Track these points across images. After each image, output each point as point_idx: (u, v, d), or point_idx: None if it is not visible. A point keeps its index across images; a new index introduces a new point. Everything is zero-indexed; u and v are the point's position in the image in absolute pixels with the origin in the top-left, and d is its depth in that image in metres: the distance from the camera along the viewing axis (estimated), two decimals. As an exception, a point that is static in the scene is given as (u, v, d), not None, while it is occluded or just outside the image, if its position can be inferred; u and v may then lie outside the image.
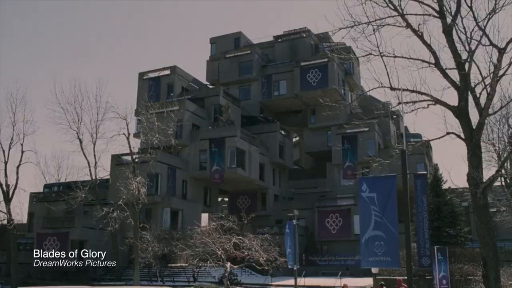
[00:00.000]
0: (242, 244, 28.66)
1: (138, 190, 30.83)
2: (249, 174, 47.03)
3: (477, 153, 15.14)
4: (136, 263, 30.95)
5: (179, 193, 45.05)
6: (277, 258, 29.06)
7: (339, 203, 49.07)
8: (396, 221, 10.72)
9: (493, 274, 14.28)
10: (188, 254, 29.57)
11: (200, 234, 30.47)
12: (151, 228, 35.52)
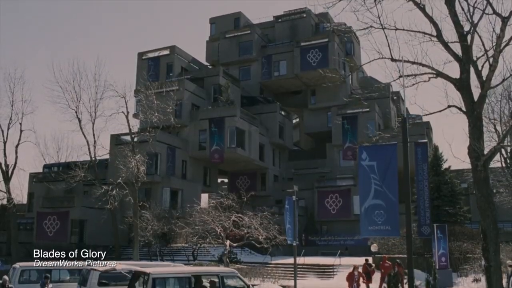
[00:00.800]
0: (242, 222, 28.70)
1: (137, 168, 30.74)
2: (249, 154, 46.94)
3: (478, 125, 15.00)
4: (135, 241, 30.99)
5: (178, 173, 45.02)
6: (276, 236, 29.14)
7: (339, 183, 49.10)
8: (396, 190, 10.63)
9: (492, 247, 14.24)
10: (187, 232, 29.60)
11: (199, 212, 30.51)
12: (150, 207, 35.52)
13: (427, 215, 12.68)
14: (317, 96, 57.26)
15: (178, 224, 30.67)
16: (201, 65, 58.19)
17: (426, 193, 12.63)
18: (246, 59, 57.44)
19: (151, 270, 15.67)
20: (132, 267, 16.01)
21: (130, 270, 16.11)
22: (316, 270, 32.49)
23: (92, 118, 38.59)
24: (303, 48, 54.66)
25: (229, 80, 51.10)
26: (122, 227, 36.62)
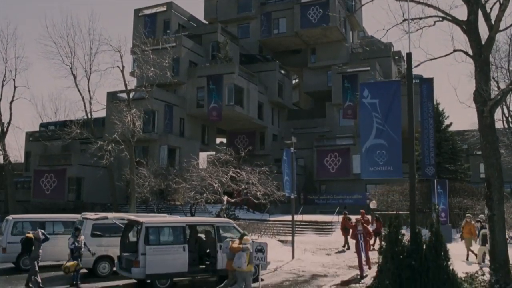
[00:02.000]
0: (239, 177, 28.25)
1: (133, 123, 30.08)
2: (248, 112, 46.22)
3: (485, 69, 14.24)
4: (132, 198, 30.63)
5: (176, 131, 44.42)
6: (274, 192, 28.76)
7: (338, 142, 48.54)
8: (399, 129, 10.01)
9: (496, 195, 13.67)
10: (184, 188, 29.19)
11: (197, 168, 30.04)
12: (147, 164, 35.06)
13: (431, 155, 12.10)
14: (317, 55, 56.15)
15: (175, 180, 30.21)
16: (199, 23, 56.77)
17: (431, 132, 12.03)
18: (245, 16, 56.03)
19: (145, 220, 15.24)
20: (124, 217, 15.54)
21: (122, 218, 15.64)
22: (314, 227, 32.30)
23: (87, 74, 37.68)
24: (303, 5, 53.16)
25: (228, 38, 49.88)
26: (119, 184, 36.24)
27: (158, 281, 14.64)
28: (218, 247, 15.67)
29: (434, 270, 9.39)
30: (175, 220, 16.12)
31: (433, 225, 9.81)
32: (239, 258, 12.02)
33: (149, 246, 14.48)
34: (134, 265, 14.43)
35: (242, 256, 12.00)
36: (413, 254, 9.69)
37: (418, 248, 9.71)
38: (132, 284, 15.67)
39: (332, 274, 17.60)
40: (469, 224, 19.51)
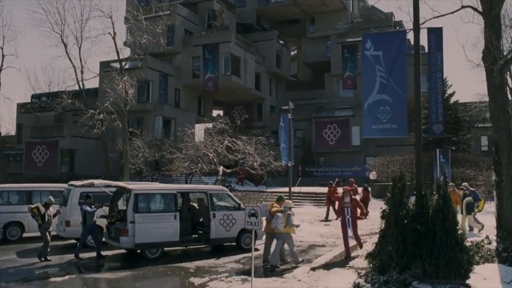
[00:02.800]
0: (235, 147, 27.56)
1: (126, 92, 29.21)
2: (244, 82, 45.28)
3: (496, 27, 13.36)
4: (125, 168, 29.95)
5: (171, 102, 43.57)
6: (271, 162, 28.11)
7: (337, 114, 47.75)
8: (405, 83, 9.23)
9: (505, 159, 12.95)
10: (178, 158, 28.49)
11: (191, 137, 29.30)
12: (142, 134, 34.32)
13: (439, 111, 11.34)
14: (316, 25, 55.02)
15: (170, 150, 29.50)
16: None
17: (439, 86, 11.23)
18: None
19: (134, 186, 14.57)
20: (112, 183, 14.85)
21: (110, 185, 14.95)
22: (312, 198, 31.77)
23: (78, 41, 36.62)
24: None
25: (224, 6, 48.62)
26: (113, 155, 35.53)
27: (148, 250, 14.05)
28: (212, 215, 15.06)
29: (441, 235, 8.74)
30: (166, 187, 15.46)
31: (440, 187, 9.11)
32: (276, 219, 12.42)
33: (138, 214, 13.85)
34: (123, 234, 13.82)
35: (279, 218, 12.40)
36: (418, 218, 9.02)
37: (424, 211, 9.04)
38: (122, 254, 15.09)
39: (330, 244, 17.04)
40: (454, 193, 18.25)
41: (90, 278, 12.07)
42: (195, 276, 11.87)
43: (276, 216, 12.44)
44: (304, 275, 11.43)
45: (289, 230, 12.61)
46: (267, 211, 12.82)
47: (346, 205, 13.41)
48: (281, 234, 12.62)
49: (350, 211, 13.39)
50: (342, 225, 13.61)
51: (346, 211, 13.42)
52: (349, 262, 13.40)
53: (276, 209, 12.76)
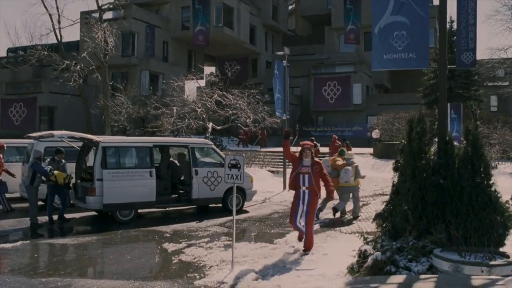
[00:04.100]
0: (226, 101, 25.82)
1: (105, 41, 27.21)
2: (238, 35, 43.13)
3: None
4: (107, 125, 28.25)
5: (159, 56, 41.50)
6: (265, 118, 26.47)
7: (338, 70, 45.82)
8: (426, 1, 7.47)
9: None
10: (164, 113, 26.74)
11: (178, 91, 27.53)
12: (125, 89, 32.50)
13: (470, 35, 9.56)
14: (316, -27, 52.46)
15: (154, 105, 27.74)
16: None
17: (470, 5, 9.41)
18: None
19: (101, 138, 12.91)
20: (76, 135, 13.17)
21: (73, 137, 13.26)
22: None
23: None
24: None
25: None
26: (94, 112, 33.74)
27: (119, 212, 12.50)
28: (194, 172, 13.45)
29: (470, 191, 7.13)
30: (140, 140, 13.77)
31: (470, 132, 7.45)
32: (346, 172, 12.20)
33: (107, 171, 12.25)
34: (89, 194, 12.25)
35: (349, 171, 12.21)
36: (442, 170, 7.39)
37: (448, 162, 7.39)
38: (91, 216, 13.55)
39: (328, 206, 15.49)
40: None
41: (45, 244, 10.53)
42: (170, 241, 10.34)
43: (346, 170, 12.26)
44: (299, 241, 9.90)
45: (358, 182, 12.67)
46: (329, 166, 12.58)
47: (303, 171, 8.78)
48: (350, 187, 12.53)
49: (308, 181, 8.75)
50: (292, 207, 9.08)
51: (301, 180, 8.80)
52: (353, 223, 12.19)
53: (341, 162, 12.53)
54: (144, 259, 9.14)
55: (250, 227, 12.27)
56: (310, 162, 8.80)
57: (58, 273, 7.99)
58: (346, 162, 12.53)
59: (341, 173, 12.34)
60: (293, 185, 8.95)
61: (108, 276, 8.03)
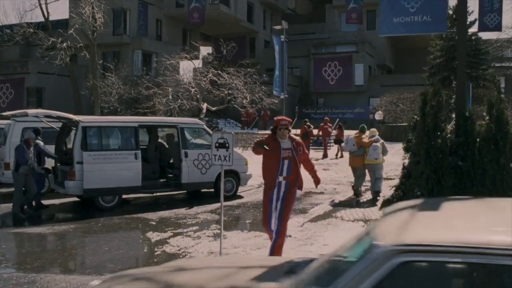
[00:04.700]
0: (221, 80, 24.90)
1: (94, 17, 26.16)
2: (235, 12, 41.96)
3: None
4: (96, 106, 27.32)
5: (152, 34, 40.35)
6: (263, 98, 25.58)
7: (339, 50, 44.77)
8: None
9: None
10: (156, 93, 25.81)
11: (171, 70, 26.59)
12: (116, 68, 31.51)
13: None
14: (317, -51, 51.20)
15: (146, 85, 26.79)
16: None
17: None
18: None
19: (82, 118, 12.04)
20: (53, 113, 12.30)
21: (50, 116, 12.38)
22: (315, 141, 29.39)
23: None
24: None
25: None
26: (84, 93, 32.75)
27: (101, 198, 11.66)
28: (183, 155, 12.58)
29: (493, 174, 6.32)
30: (124, 119, 12.93)
31: (493, 106, 6.60)
32: (375, 149, 11.98)
33: (88, 153, 11.38)
34: (68, 178, 11.40)
35: (377, 148, 12.00)
36: (460, 150, 6.56)
37: (468, 141, 6.56)
38: (73, 203, 12.73)
39: (330, 191, 14.73)
40: None
41: (16, 234, 9.73)
42: (155, 230, 9.53)
43: (375, 147, 12.02)
44: (297, 229, 9.09)
45: (383, 160, 12.44)
46: (355, 145, 12.42)
47: (284, 156, 6.57)
48: (376, 165, 12.22)
49: (288, 168, 6.59)
50: (263, 205, 6.95)
51: (280, 168, 6.56)
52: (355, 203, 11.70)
53: (367, 139, 12.30)
54: (123, 250, 8.33)
55: (244, 214, 11.50)
56: (291, 143, 6.62)
57: (24, 267, 7.19)
58: (374, 139, 12.28)
59: (369, 150, 12.10)
60: (272, 177, 6.61)
61: (80, 270, 7.24)
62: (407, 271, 2.22)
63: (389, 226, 2.63)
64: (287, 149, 6.59)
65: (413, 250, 2.18)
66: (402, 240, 2.27)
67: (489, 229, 2.21)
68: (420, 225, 2.46)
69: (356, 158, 12.55)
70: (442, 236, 2.25)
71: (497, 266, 2.10)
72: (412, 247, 2.19)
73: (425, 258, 2.20)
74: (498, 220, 2.47)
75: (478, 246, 2.11)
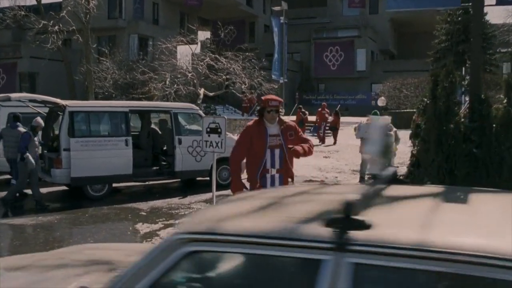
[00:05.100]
0: (219, 65, 24.33)
1: (87, 0, 25.54)
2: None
3: None
4: (90, 91, 26.79)
5: (148, 18, 39.66)
6: (262, 83, 25.04)
7: (340, 34, 44.17)
8: None
9: None
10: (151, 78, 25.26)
11: (167, 54, 26.02)
12: (111, 53, 30.94)
13: None
14: None
15: (141, 69, 26.23)
16: None
17: None
18: None
19: (69, 102, 11.52)
20: (37, 97, 11.78)
21: (35, 100, 11.86)
22: (310, 128, 28.90)
23: None
24: None
25: None
26: (78, 78, 32.18)
27: (90, 187, 11.17)
28: (177, 141, 12.07)
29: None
30: (114, 104, 12.40)
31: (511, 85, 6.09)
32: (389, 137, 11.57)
33: (76, 139, 10.87)
34: (55, 166, 10.89)
35: (391, 135, 11.67)
36: (475, 136, 6.05)
37: (484, 126, 6.05)
38: (61, 192, 12.24)
39: (330, 179, 14.22)
40: None
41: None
42: (145, 221, 9.06)
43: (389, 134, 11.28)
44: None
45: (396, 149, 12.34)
46: (367, 132, 11.36)
47: (272, 144, 5.32)
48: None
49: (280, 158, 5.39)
50: None
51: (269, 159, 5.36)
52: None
53: None
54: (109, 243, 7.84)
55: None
56: (279, 128, 5.35)
57: (0, 262, 6.68)
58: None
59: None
60: (254, 172, 5.36)
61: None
62: (195, 261, 2.13)
63: (204, 215, 2.51)
64: (275, 136, 5.30)
65: (202, 239, 2.02)
66: (193, 228, 2.13)
67: (293, 219, 2.00)
68: (240, 214, 2.26)
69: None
70: (235, 226, 2.08)
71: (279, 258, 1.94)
72: (201, 236, 2.03)
73: (215, 248, 2.05)
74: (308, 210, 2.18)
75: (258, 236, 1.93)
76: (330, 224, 1.82)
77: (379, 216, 1.89)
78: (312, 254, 1.81)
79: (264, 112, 5.32)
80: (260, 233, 1.93)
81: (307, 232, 1.86)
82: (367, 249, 1.74)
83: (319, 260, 1.79)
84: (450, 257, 1.63)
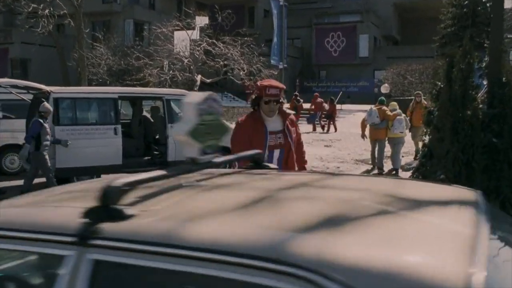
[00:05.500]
0: (216, 50, 23.75)
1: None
2: (233, -21, 40.62)
3: None
4: (83, 78, 26.18)
5: (144, 2, 39.18)
6: (261, 70, 24.49)
7: (342, 19, 43.53)
8: None
9: None
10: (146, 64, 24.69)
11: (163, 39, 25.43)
12: (105, 38, 30.36)
13: None
14: None
15: (136, 55, 25.66)
16: None
17: None
18: None
19: (53, 88, 10.97)
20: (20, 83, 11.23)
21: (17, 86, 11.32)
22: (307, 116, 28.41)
23: None
24: None
25: None
26: (71, 64, 31.63)
27: (76, 179, 10.63)
28: (170, 130, 11.54)
29: (535, 153, 5.28)
30: (102, 90, 11.85)
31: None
32: (401, 123, 11.94)
33: (61, 128, 10.36)
34: (39, 156, 10.36)
35: (402, 121, 12.00)
36: (494, 124, 5.51)
37: (505, 112, 5.50)
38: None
39: (332, 169, 13.69)
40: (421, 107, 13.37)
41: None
42: (133, 216, 8.49)
43: (400, 120, 11.95)
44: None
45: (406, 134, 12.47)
46: (378, 117, 12.15)
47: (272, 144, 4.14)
48: (399, 139, 12.15)
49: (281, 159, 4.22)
50: None
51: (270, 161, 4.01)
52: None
53: (392, 113, 12.11)
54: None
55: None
56: (282, 124, 4.22)
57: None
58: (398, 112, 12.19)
59: (394, 123, 11.98)
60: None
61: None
62: None
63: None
64: (277, 133, 4.18)
65: None
66: None
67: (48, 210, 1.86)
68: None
69: (380, 130, 12.32)
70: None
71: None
72: None
73: None
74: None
75: None
76: (85, 215, 1.58)
77: (152, 207, 1.64)
78: (56, 249, 1.61)
79: (260, 102, 4.08)
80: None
81: (53, 224, 1.66)
82: (110, 244, 1.49)
83: (62, 256, 1.58)
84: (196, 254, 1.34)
